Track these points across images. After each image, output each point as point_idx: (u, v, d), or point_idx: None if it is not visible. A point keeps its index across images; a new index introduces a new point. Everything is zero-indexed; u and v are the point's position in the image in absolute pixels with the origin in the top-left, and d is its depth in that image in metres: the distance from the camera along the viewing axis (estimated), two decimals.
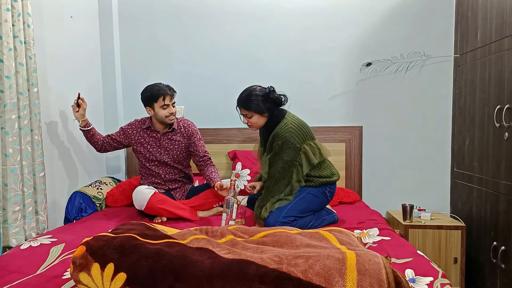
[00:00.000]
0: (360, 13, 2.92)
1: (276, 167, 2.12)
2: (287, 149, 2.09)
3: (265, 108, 2.14)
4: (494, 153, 2.26)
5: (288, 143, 2.09)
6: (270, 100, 2.15)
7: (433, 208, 2.82)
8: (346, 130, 2.95)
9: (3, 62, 1.99)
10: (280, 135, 2.10)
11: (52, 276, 1.47)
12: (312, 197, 2.16)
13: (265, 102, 2.14)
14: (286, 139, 2.09)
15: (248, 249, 1.39)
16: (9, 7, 2.01)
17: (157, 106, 2.42)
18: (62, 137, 2.62)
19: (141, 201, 2.29)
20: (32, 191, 2.17)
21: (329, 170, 2.24)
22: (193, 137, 2.56)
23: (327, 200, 2.23)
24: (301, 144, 2.12)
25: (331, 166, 2.27)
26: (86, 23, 2.93)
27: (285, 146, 2.09)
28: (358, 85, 2.96)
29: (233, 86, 3.06)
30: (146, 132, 2.53)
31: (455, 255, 2.46)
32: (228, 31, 3.06)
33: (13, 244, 2.01)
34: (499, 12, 2.22)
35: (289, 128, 2.11)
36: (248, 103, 2.14)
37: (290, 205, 2.10)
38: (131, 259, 1.26)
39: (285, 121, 2.14)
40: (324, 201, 2.22)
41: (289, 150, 2.09)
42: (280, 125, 2.13)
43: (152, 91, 2.43)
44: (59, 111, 2.59)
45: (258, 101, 2.13)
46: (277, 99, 2.17)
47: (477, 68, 2.48)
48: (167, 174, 2.53)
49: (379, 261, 1.20)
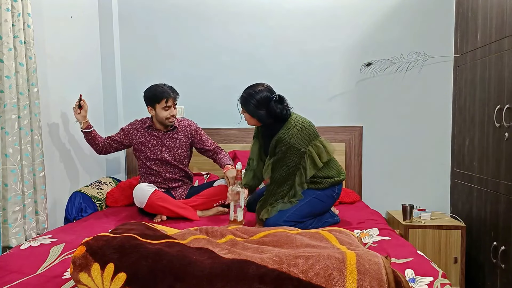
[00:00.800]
0: (360, 13, 2.92)
1: (280, 172, 2.07)
2: (291, 155, 2.04)
3: (255, 114, 2.09)
4: (494, 153, 2.26)
5: (292, 149, 2.03)
6: (268, 110, 2.06)
7: (433, 208, 2.82)
8: (346, 130, 2.95)
9: (3, 62, 1.99)
10: (284, 141, 2.04)
11: (52, 276, 1.47)
12: (318, 202, 2.12)
13: (259, 108, 2.07)
14: (291, 145, 2.02)
15: (248, 249, 1.39)
16: (9, 7, 2.01)
17: (159, 107, 2.42)
18: (62, 137, 2.62)
19: (141, 198, 2.30)
20: (32, 191, 2.17)
21: (336, 169, 2.19)
22: (198, 134, 2.60)
23: (333, 202, 2.21)
24: (306, 147, 2.06)
25: (337, 163, 2.22)
26: (86, 24, 2.93)
27: (289, 152, 2.03)
28: (358, 85, 2.96)
29: (233, 86, 3.06)
30: (147, 131, 2.53)
31: (455, 255, 2.46)
32: (228, 31, 3.06)
33: (13, 244, 2.01)
34: (499, 12, 2.22)
35: (293, 132, 2.04)
36: (244, 101, 2.11)
37: (294, 209, 2.06)
38: (131, 259, 1.26)
39: (289, 125, 2.07)
40: (330, 204, 2.20)
41: (293, 156, 2.04)
42: (283, 130, 2.06)
43: (155, 92, 2.43)
44: (59, 111, 2.59)
45: (253, 105, 2.07)
46: (275, 111, 2.05)
47: (477, 68, 2.48)
48: (167, 173, 2.54)
49: (379, 261, 1.20)
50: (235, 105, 2.21)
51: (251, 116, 2.13)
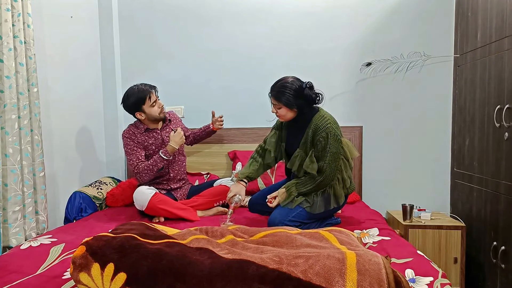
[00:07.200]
0: (360, 13, 2.92)
1: (325, 160, 2.03)
2: (333, 141, 2.02)
3: (295, 104, 2.04)
4: (494, 153, 2.26)
5: (332, 135, 2.02)
6: (303, 97, 2.04)
7: (433, 208, 2.82)
8: (346, 130, 2.94)
9: (3, 62, 1.99)
10: (321, 127, 2.03)
11: (52, 276, 1.48)
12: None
13: (296, 97, 2.03)
14: (329, 130, 2.02)
15: (248, 249, 1.39)
16: (9, 7, 2.01)
17: (147, 107, 2.40)
18: (62, 137, 2.62)
19: (142, 201, 2.29)
20: (32, 191, 2.17)
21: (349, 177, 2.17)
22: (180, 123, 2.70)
23: (340, 208, 2.21)
24: (341, 136, 2.07)
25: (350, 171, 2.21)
26: (86, 23, 2.93)
27: (330, 138, 2.01)
28: (358, 85, 2.96)
29: (233, 86, 3.08)
30: (147, 135, 2.48)
31: (455, 255, 2.46)
32: (228, 31, 3.06)
33: (13, 244, 2.01)
34: (499, 12, 2.22)
35: (328, 120, 2.05)
36: (279, 95, 2.04)
37: (300, 209, 2.05)
38: (131, 259, 1.26)
39: (321, 114, 2.08)
40: (337, 209, 2.20)
41: (335, 142, 2.02)
42: (316, 118, 2.06)
43: (136, 95, 2.38)
44: (59, 111, 2.59)
45: (289, 95, 2.02)
46: (311, 97, 2.06)
47: (477, 68, 2.48)
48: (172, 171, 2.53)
49: (379, 261, 1.20)
50: (235, 105, 2.21)
51: (288, 109, 2.07)
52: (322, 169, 2.04)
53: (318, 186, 2.06)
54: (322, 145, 2.03)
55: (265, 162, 2.26)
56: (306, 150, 2.09)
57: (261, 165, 2.26)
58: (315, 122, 2.06)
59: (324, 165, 2.04)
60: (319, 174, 2.05)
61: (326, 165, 2.03)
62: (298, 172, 2.12)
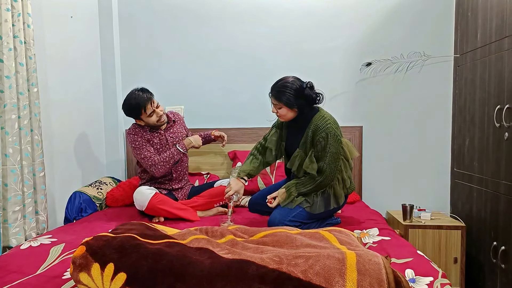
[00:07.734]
0: (360, 13, 2.92)
1: (325, 160, 2.03)
2: (333, 141, 2.02)
3: (295, 103, 2.03)
4: (494, 153, 2.26)
5: (332, 135, 2.02)
6: (303, 97, 2.04)
7: (433, 208, 2.82)
8: (346, 130, 2.94)
9: (3, 62, 1.99)
10: (321, 127, 2.03)
11: (52, 276, 1.48)
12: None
13: (297, 97, 2.03)
14: (329, 130, 2.02)
15: (248, 249, 1.39)
16: (9, 7, 2.01)
17: (144, 117, 2.38)
18: (62, 137, 2.62)
19: (142, 201, 2.29)
20: (32, 191, 2.17)
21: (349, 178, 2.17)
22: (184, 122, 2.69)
23: (340, 208, 2.21)
24: (341, 136, 2.07)
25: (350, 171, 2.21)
26: (86, 23, 2.93)
27: (329, 138, 2.01)
28: (358, 85, 2.96)
29: (233, 86, 3.08)
30: (152, 134, 2.47)
31: (455, 255, 2.46)
32: (228, 31, 3.06)
33: (13, 244, 2.01)
34: (499, 12, 2.22)
35: (328, 120, 2.05)
36: (280, 95, 2.04)
37: (301, 208, 2.05)
38: (131, 259, 1.26)
39: (321, 114, 2.08)
40: (337, 210, 2.20)
41: (335, 142, 2.02)
42: (316, 118, 2.06)
43: (131, 107, 2.35)
44: (59, 111, 2.59)
45: (290, 95, 2.02)
46: (311, 96, 2.06)
47: (477, 68, 2.48)
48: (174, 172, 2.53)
49: (379, 261, 1.20)
50: (235, 105, 2.21)
51: (289, 109, 2.07)
52: (322, 169, 2.04)
53: (318, 186, 2.06)
54: (322, 145, 2.03)
55: (265, 160, 2.26)
56: (306, 150, 2.09)
57: (261, 162, 2.26)
58: (315, 122, 2.06)
59: (324, 165, 2.04)
60: (319, 174, 2.05)
61: (326, 165, 2.03)
62: (298, 172, 2.12)
